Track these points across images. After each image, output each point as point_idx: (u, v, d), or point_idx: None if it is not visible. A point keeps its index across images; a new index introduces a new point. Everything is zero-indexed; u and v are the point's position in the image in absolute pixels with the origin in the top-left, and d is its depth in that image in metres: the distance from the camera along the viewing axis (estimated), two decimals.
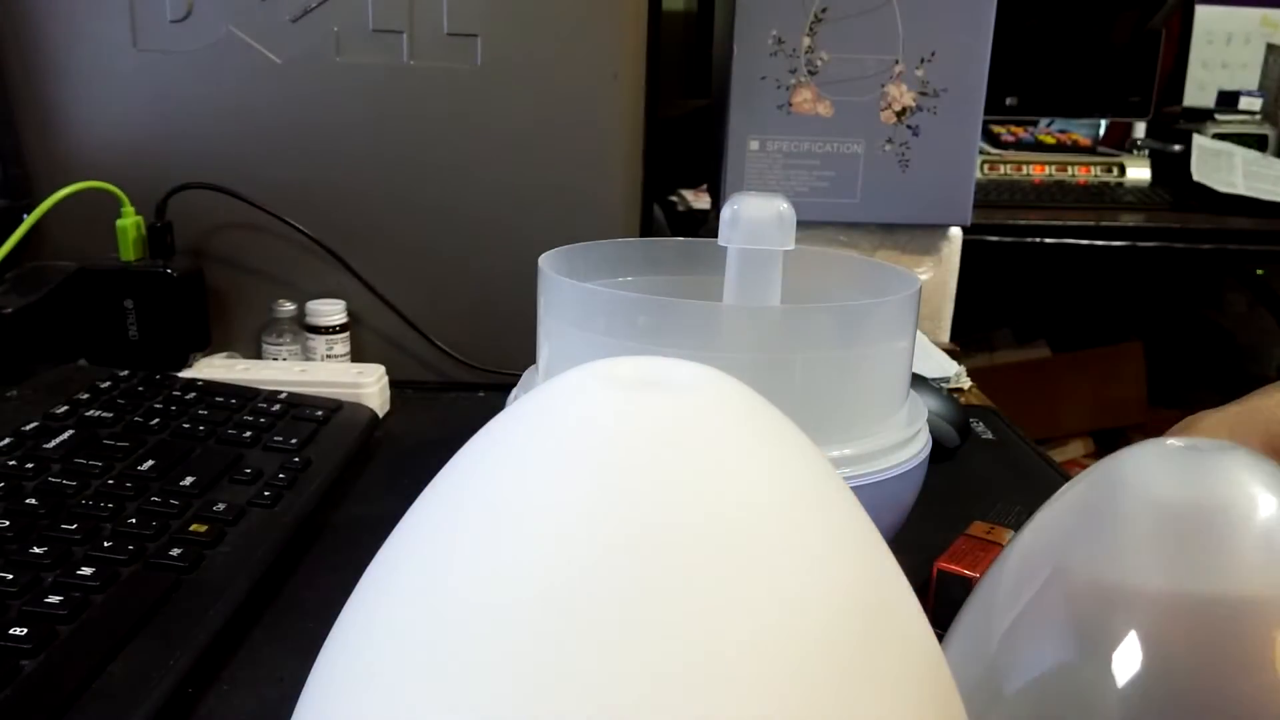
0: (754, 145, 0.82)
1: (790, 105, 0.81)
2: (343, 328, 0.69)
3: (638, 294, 0.44)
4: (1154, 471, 0.27)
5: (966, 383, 0.75)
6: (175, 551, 0.40)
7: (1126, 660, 0.25)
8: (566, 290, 0.43)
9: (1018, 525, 0.45)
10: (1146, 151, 1.73)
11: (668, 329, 0.41)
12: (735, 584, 0.18)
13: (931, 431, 0.47)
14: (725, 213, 0.47)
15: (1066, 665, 0.26)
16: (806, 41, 0.80)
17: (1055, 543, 0.28)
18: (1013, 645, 0.27)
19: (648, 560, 0.18)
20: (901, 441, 0.43)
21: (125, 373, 0.58)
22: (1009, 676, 0.27)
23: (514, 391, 0.48)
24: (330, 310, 0.68)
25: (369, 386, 0.62)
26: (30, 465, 0.45)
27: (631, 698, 0.17)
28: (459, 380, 0.71)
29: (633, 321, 0.41)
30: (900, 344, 0.44)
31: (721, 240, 0.47)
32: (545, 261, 0.45)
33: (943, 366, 0.76)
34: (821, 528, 0.20)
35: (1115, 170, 1.69)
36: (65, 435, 0.49)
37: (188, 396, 0.56)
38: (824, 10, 0.79)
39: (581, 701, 0.16)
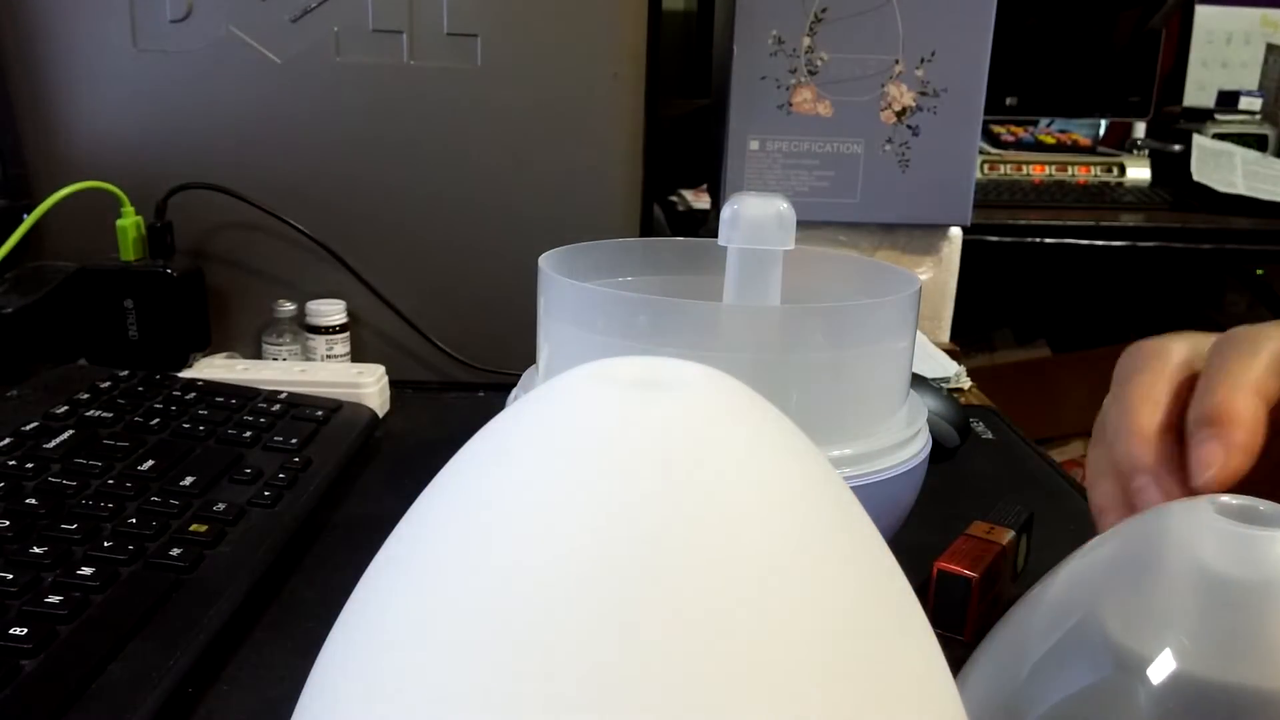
0: (754, 145, 0.82)
1: (790, 105, 0.81)
2: (343, 328, 0.69)
3: (637, 294, 0.44)
4: (1204, 540, 0.26)
5: (966, 383, 0.75)
6: (175, 551, 0.40)
7: None
8: (566, 290, 0.43)
9: (1018, 525, 0.45)
10: (1146, 151, 1.73)
11: (667, 329, 0.41)
12: (736, 584, 0.18)
13: (931, 431, 0.47)
14: (725, 213, 0.47)
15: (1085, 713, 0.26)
16: (806, 41, 0.80)
17: (1092, 588, 0.28)
18: (1039, 680, 0.27)
19: (648, 561, 0.18)
20: (901, 441, 0.43)
21: (125, 373, 0.58)
22: (1033, 708, 0.27)
23: (514, 391, 0.48)
24: (330, 310, 0.68)
25: (369, 386, 0.62)
26: (30, 465, 0.45)
27: (632, 697, 0.17)
28: (459, 380, 0.71)
29: (632, 321, 0.41)
30: (900, 344, 0.44)
31: (721, 240, 0.47)
32: (545, 261, 0.45)
33: (943, 366, 0.76)
34: (822, 528, 0.20)
35: (1115, 170, 1.69)
36: (65, 435, 0.49)
37: (188, 396, 0.56)
38: (824, 10, 0.79)
39: (581, 700, 0.16)
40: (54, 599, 0.35)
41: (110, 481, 0.45)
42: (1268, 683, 0.24)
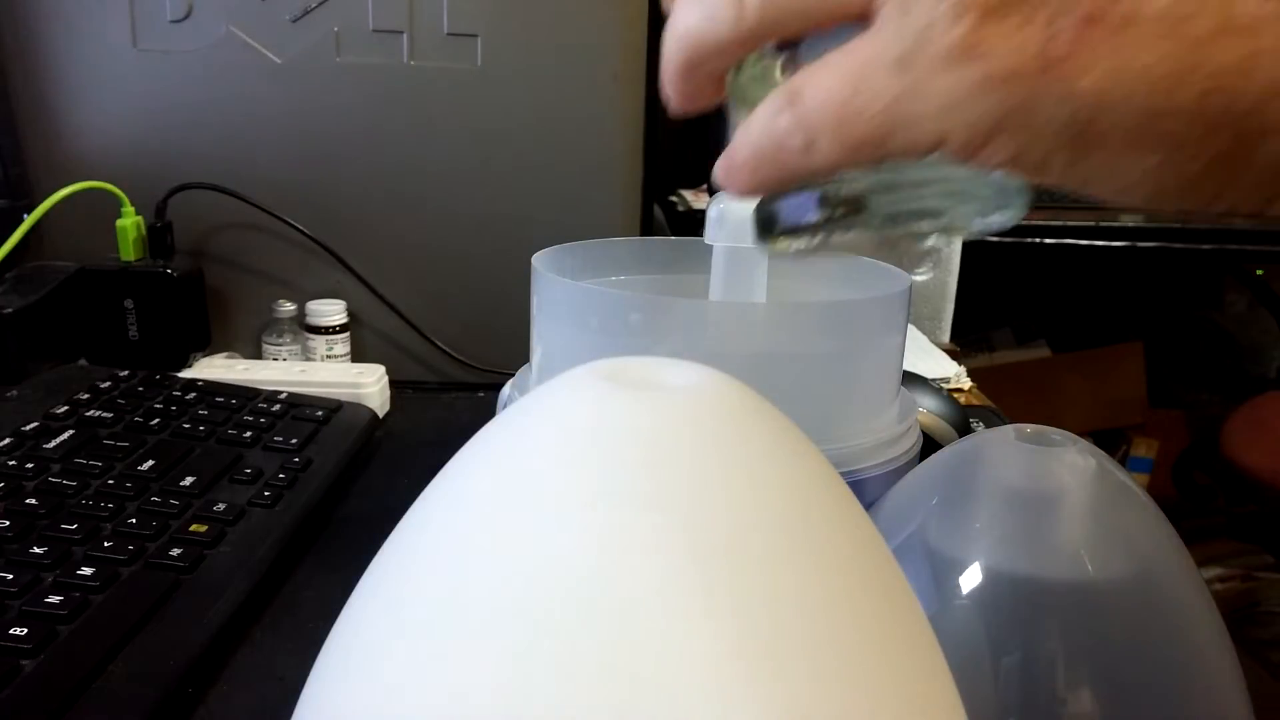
0: None
1: None
2: (343, 328, 0.69)
3: (629, 292, 0.44)
4: (1006, 459, 0.32)
5: (966, 383, 0.75)
6: (175, 551, 0.40)
7: (953, 618, 0.29)
8: (559, 288, 0.43)
9: None
10: None
11: (660, 326, 0.41)
12: (737, 583, 0.18)
13: (931, 432, 0.47)
14: (711, 211, 0.47)
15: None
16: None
17: (919, 503, 0.33)
18: None
19: (649, 561, 0.18)
20: (892, 438, 0.43)
21: (125, 373, 0.58)
22: None
23: (506, 389, 0.48)
24: (330, 310, 0.68)
25: (369, 386, 0.62)
26: (30, 465, 0.45)
27: (632, 697, 0.17)
28: (459, 380, 0.71)
29: (625, 319, 0.41)
30: (890, 341, 0.44)
31: (708, 238, 0.47)
32: (538, 260, 0.46)
33: (943, 366, 0.76)
34: (823, 527, 0.20)
35: None
36: (65, 435, 0.49)
37: (188, 396, 0.56)
38: None
39: (580, 701, 0.16)
40: (54, 599, 0.35)
41: (110, 482, 0.45)
42: (1053, 573, 0.29)
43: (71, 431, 0.49)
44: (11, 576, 0.36)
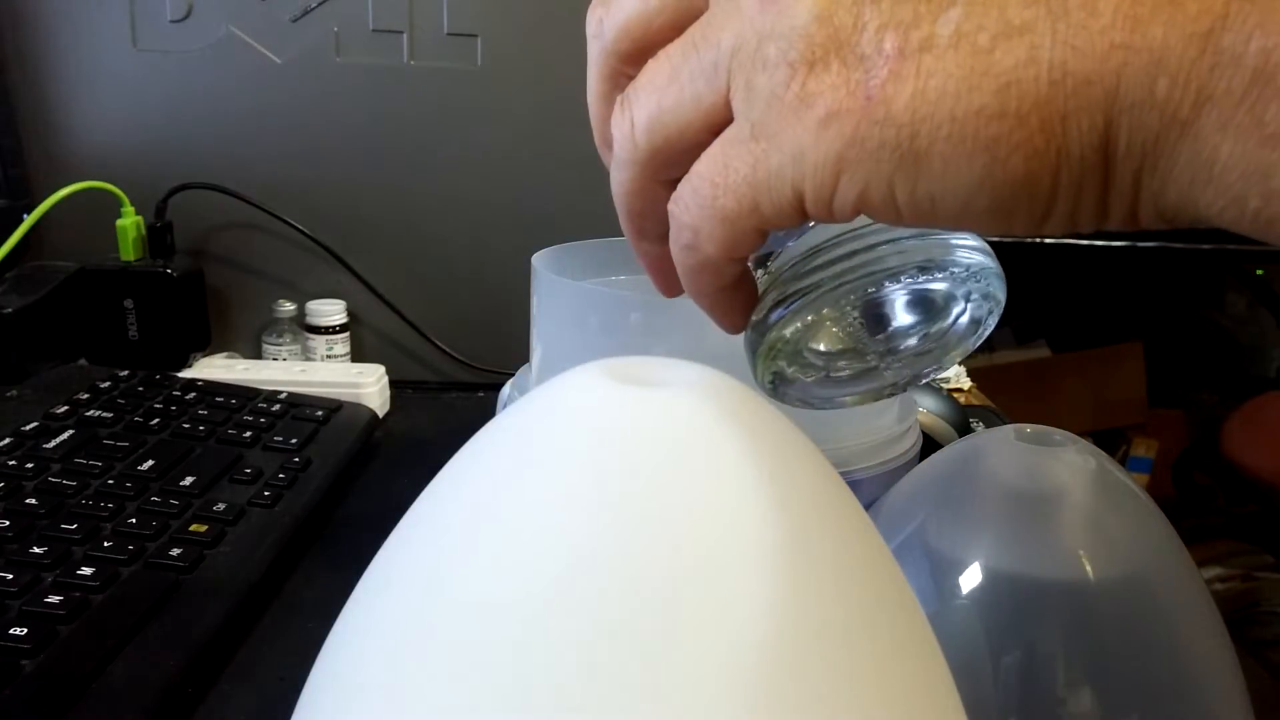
0: None
1: None
2: (343, 328, 0.69)
3: (630, 293, 0.44)
4: (1005, 460, 0.32)
5: (966, 383, 0.75)
6: (175, 551, 0.40)
7: (953, 618, 0.30)
8: (559, 289, 0.43)
9: None
10: None
11: (660, 327, 0.41)
12: (737, 584, 0.18)
13: (931, 432, 0.47)
14: None
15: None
16: None
17: (919, 504, 0.34)
18: None
19: (649, 562, 0.18)
20: (892, 438, 0.43)
21: (125, 373, 0.58)
22: None
23: (506, 389, 0.48)
24: (330, 310, 0.68)
25: (369, 386, 0.62)
26: (30, 465, 0.45)
27: (632, 699, 0.17)
28: (459, 380, 0.71)
29: (625, 319, 0.41)
30: None
31: None
32: (538, 260, 0.46)
33: None
34: (823, 527, 0.20)
35: None
36: (65, 435, 0.49)
37: (188, 396, 0.56)
38: None
39: (580, 703, 0.16)
40: (54, 599, 0.35)
41: (110, 481, 0.45)
42: (1053, 573, 0.30)
43: (71, 431, 0.49)
44: (11, 576, 0.36)
